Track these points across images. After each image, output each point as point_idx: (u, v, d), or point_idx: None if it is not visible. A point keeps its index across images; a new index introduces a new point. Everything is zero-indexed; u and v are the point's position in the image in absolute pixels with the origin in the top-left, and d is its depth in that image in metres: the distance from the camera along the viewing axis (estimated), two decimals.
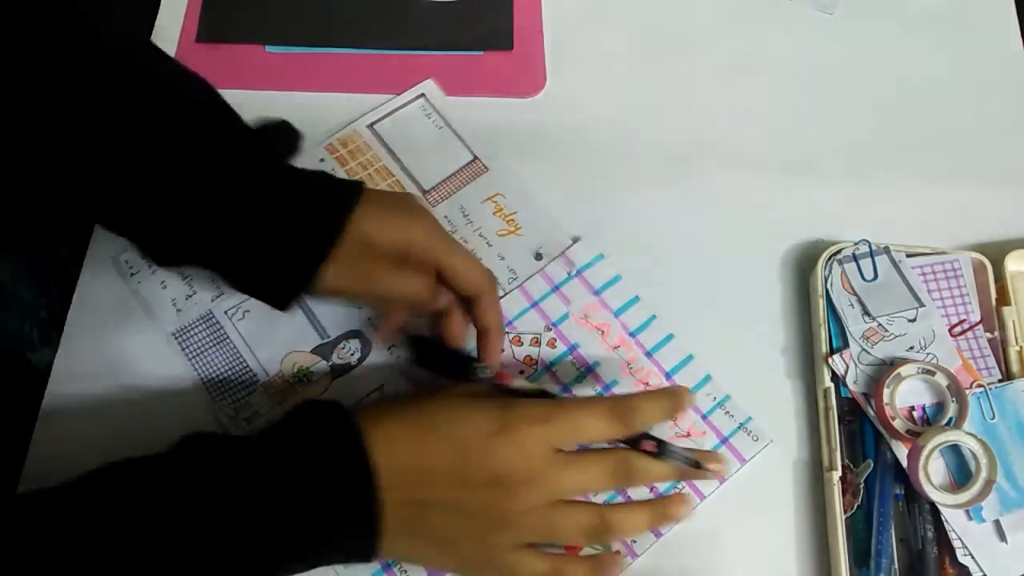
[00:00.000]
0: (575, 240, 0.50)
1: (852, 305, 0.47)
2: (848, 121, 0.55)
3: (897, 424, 0.44)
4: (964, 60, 0.57)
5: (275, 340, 0.47)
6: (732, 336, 0.48)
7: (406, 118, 0.54)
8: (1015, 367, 0.46)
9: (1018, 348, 0.46)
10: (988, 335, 0.47)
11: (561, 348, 0.48)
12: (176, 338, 0.47)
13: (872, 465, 0.44)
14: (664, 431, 0.45)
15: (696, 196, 0.52)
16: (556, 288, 0.49)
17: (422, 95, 0.54)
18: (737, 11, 0.58)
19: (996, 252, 0.48)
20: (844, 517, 0.43)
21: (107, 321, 0.48)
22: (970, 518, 0.43)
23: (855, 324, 0.47)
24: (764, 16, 0.59)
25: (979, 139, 0.55)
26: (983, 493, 0.42)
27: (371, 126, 0.53)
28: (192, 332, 0.47)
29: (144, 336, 0.47)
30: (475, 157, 0.53)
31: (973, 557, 0.43)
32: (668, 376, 0.47)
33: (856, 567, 0.43)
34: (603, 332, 0.48)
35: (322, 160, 0.52)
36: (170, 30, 0.55)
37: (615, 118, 0.55)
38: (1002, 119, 0.55)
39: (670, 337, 0.48)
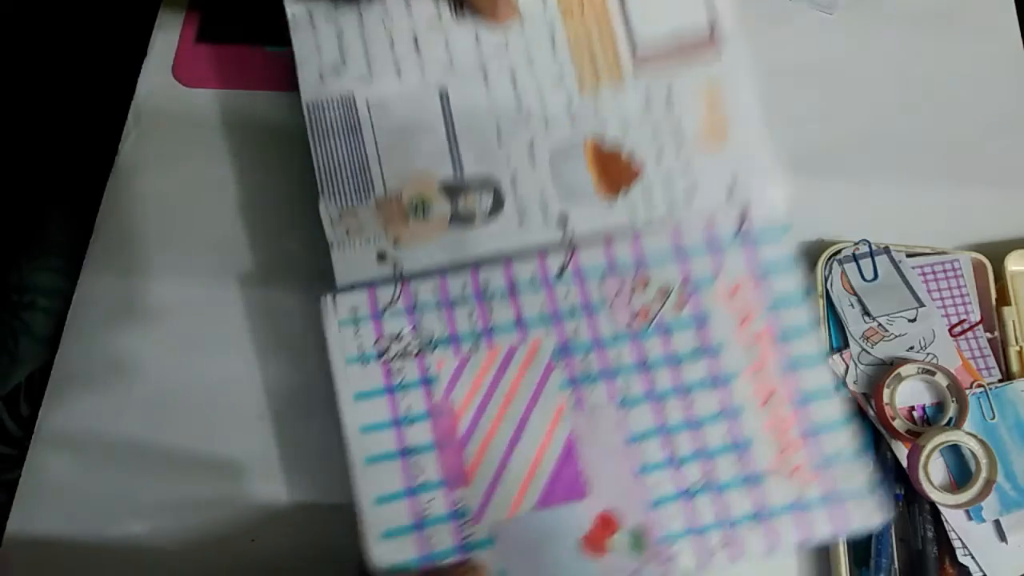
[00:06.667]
0: (760, 199, 0.42)
1: (852, 305, 0.47)
2: (848, 121, 0.55)
3: (897, 424, 0.44)
4: (964, 60, 0.57)
5: (407, 156, 0.42)
6: None
7: None
8: (1015, 367, 0.46)
9: (1018, 348, 0.46)
10: (988, 335, 0.47)
11: (688, 314, 0.40)
12: (308, 109, 0.43)
13: (872, 465, 0.44)
14: (765, 457, 0.39)
15: None
16: (715, 246, 0.41)
17: None
18: (737, 11, 0.58)
19: (996, 252, 0.48)
20: None
21: (107, 321, 0.48)
22: (970, 518, 0.43)
23: (855, 324, 0.47)
24: (764, 16, 0.58)
25: (979, 139, 0.54)
26: (983, 493, 0.42)
27: None
28: (326, 109, 0.43)
29: (144, 336, 0.47)
30: (713, 27, 0.43)
31: (973, 557, 0.43)
32: (800, 401, 0.40)
33: (856, 567, 0.43)
34: (746, 318, 0.41)
35: None
36: (170, 30, 0.55)
37: None
38: (1002, 119, 0.55)
39: (823, 356, 0.41)
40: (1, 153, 0.52)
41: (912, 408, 0.46)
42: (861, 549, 0.43)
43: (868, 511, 0.39)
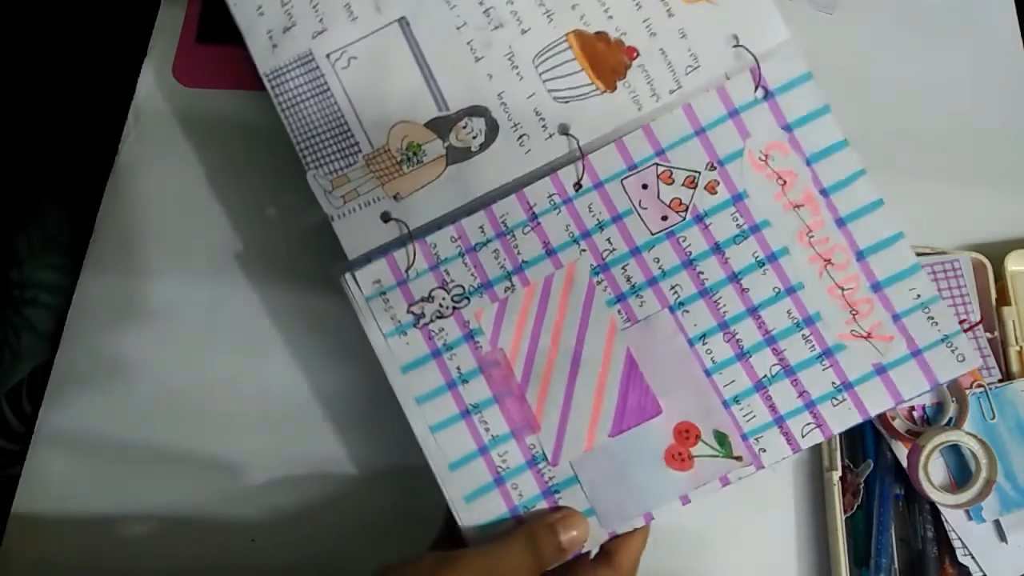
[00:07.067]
0: (770, 51, 0.38)
1: None
2: (847, 121, 0.55)
3: (897, 424, 0.44)
4: (964, 60, 0.57)
5: (384, 102, 0.39)
6: None
7: None
8: (1015, 367, 0.46)
9: (1018, 348, 0.46)
10: (988, 335, 0.47)
11: (723, 195, 0.38)
12: (269, 80, 0.40)
13: (872, 465, 0.44)
14: (837, 326, 0.37)
15: None
16: (734, 113, 0.38)
17: None
18: None
19: (996, 252, 0.48)
20: (844, 517, 0.43)
21: (107, 321, 0.48)
22: (970, 518, 0.43)
23: None
24: None
25: (979, 139, 0.54)
26: (983, 493, 0.42)
27: None
28: (287, 76, 0.40)
29: (144, 336, 0.47)
30: None
31: (973, 557, 0.43)
32: (860, 257, 0.37)
33: (856, 567, 0.43)
34: (785, 182, 0.37)
35: None
36: (170, 30, 0.55)
37: None
38: (1002, 119, 0.55)
39: (878, 204, 0.38)
40: (2, 151, 0.52)
41: (912, 408, 0.46)
42: (861, 549, 0.43)
43: (957, 357, 0.37)
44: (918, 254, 0.48)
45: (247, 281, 0.49)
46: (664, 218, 0.38)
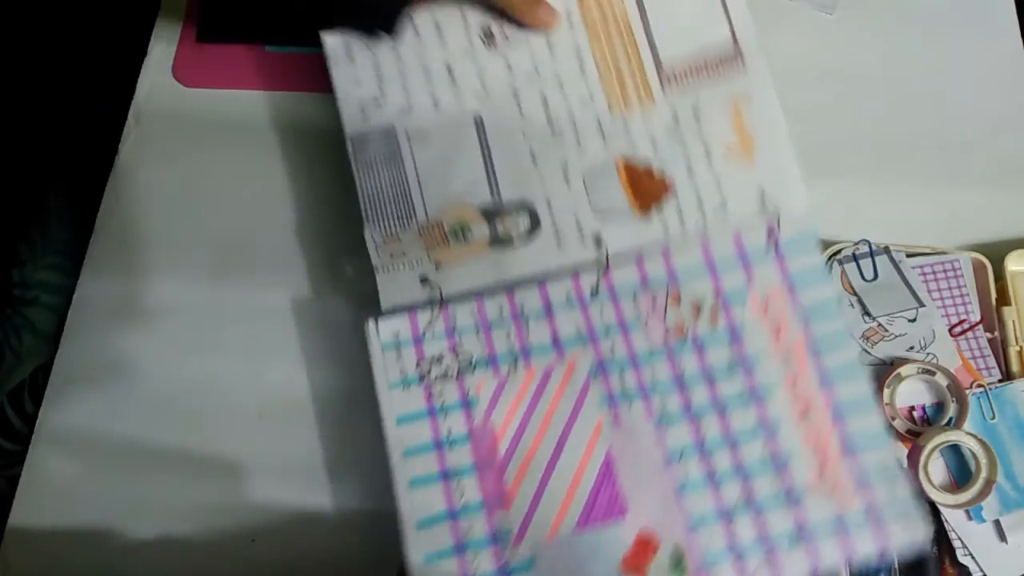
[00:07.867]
0: (795, 212, 0.42)
1: (852, 305, 0.47)
2: (848, 121, 0.55)
3: (897, 424, 0.44)
4: (964, 60, 0.57)
5: (446, 183, 0.44)
6: None
7: None
8: (1015, 367, 0.46)
9: (1018, 348, 0.46)
10: (988, 335, 0.47)
11: (722, 329, 0.40)
12: (351, 142, 0.44)
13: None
14: (805, 474, 0.38)
15: None
16: (745, 259, 0.41)
17: None
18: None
19: (996, 252, 0.48)
20: None
21: (107, 321, 0.48)
22: (970, 518, 0.43)
23: (855, 324, 0.47)
24: (764, 16, 0.58)
25: (979, 139, 0.54)
26: (983, 493, 0.42)
27: None
28: (368, 141, 0.44)
29: (144, 336, 0.47)
30: (735, 42, 0.44)
31: (973, 557, 0.43)
32: (837, 416, 0.39)
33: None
34: (778, 331, 0.40)
35: None
36: (170, 30, 0.55)
37: None
38: (1002, 119, 0.55)
39: (859, 368, 0.40)
40: (2, 151, 0.52)
41: (912, 408, 0.46)
42: None
43: (911, 528, 0.38)
44: (918, 254, 0.49)
45: (247, 281, 0.49)
46: (666, 337, 0.41)
